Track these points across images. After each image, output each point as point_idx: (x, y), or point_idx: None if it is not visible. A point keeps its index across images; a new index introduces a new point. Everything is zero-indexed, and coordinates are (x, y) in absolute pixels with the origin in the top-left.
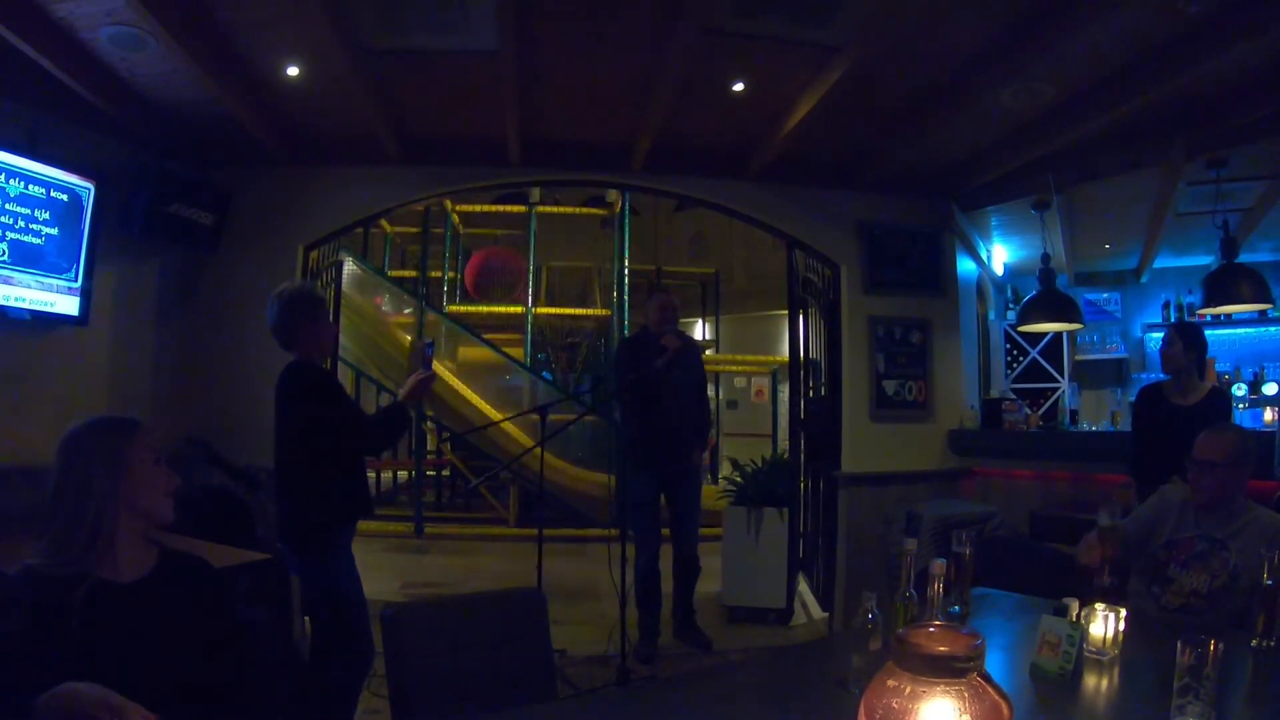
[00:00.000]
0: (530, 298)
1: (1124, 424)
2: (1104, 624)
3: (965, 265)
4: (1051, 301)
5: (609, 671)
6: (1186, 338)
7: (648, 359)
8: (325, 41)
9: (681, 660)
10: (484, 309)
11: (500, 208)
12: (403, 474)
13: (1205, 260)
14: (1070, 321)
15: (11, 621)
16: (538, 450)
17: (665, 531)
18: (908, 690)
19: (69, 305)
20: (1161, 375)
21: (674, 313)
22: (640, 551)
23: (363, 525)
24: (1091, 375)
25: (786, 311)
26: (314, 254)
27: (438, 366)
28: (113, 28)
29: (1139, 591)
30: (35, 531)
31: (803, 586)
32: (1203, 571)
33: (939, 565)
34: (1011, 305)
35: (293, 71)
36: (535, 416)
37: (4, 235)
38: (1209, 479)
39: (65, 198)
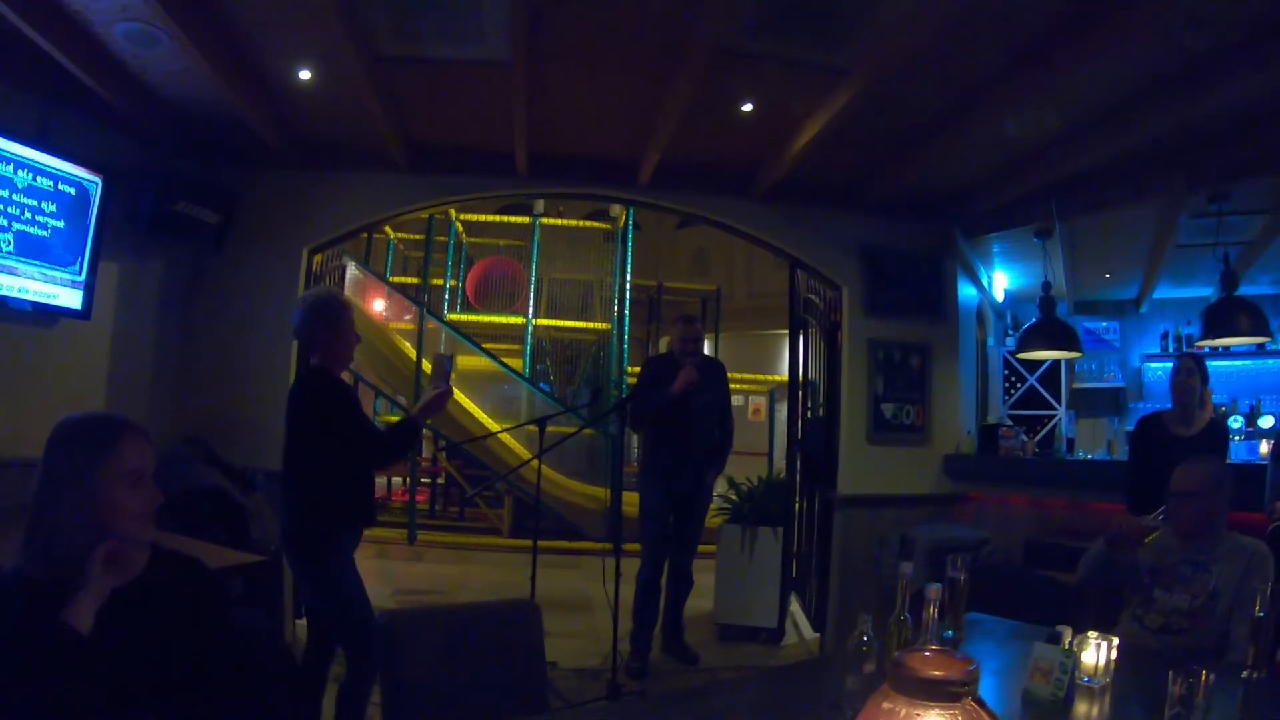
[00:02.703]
0: (531, 309)
1: (1120, 453)
2: (1096, 652)
3: (966, 291)
4: (1051, 329)
5: (599, 685)
6: (1202, 369)
7: (667, 383)
8: (337, 46)
9: (672, 677)
10: (484, 319)
11: (504, 218)
12: (397, 480)
13: (1205, 292)
14: (1069, 350)
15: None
16: (535, 462)
17: None
18: (902, 713)
19: (72, 299)
20: (1158, 405)
21: (695, 343)
22: (645, 563)
23: None
24: (1089, 404)
25: (786, 331)
26: (317, 258)
27: None
28: (127, 24)
29: (1127, 617)
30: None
31: (795, 606)
32: (1184, 592)
33: (934, 590)
34: (1011, 332)
35: (304, 75)
36: (533, 428)
37: (10, 226)
38: (1188, 508)
39: (73, 191)
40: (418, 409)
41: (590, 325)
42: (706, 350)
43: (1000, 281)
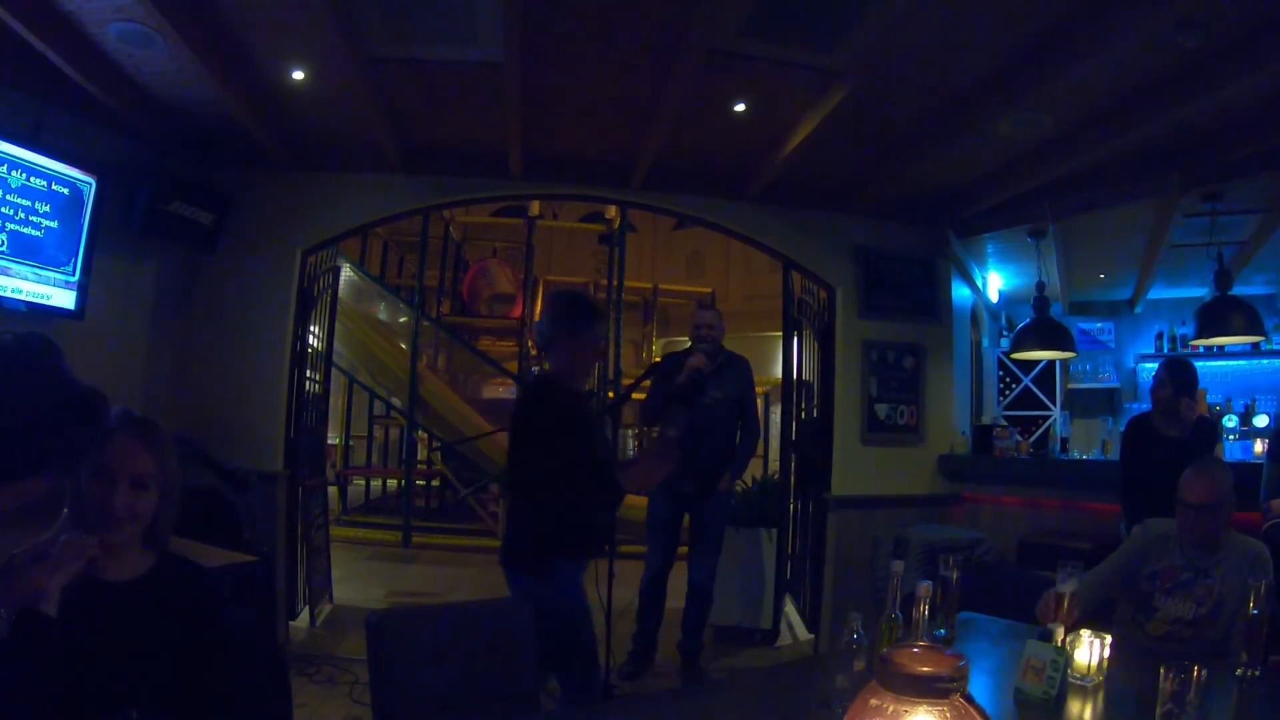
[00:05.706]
0: (526, 310)
1: (1114, 453)
2: (1088, 650)
3: (960, 291)
4: (1045, 330)
5: None
6: (1181, 376)
7: (676, 375)
8: (332, 47)
9: (666, 678)
10: (479, 322)
11: (499, 220)
12: (392, 483)
13: (1199, 292)
14: (1063, 350)
15: None
16: None
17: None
18: (890, 710)
19: (65, 299)
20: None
21: (704, 329)
22: (647, 566)
23: (349, 533)
24: (1083, 404)
25: (781, 333)
26: (311, 259)
27: (440, 384)
28: (121, 24)
29: (1125, 620)
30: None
31: (789, 607)
32: (1187, 599)
33: (925, 588)
34: (1005, 332)
35: (298, 75)
36: None
37: (3, 226)
38: (1211, 520)
39: (66, 191)
40: (627, 474)
41: None
42: None
43: (994, 282)
